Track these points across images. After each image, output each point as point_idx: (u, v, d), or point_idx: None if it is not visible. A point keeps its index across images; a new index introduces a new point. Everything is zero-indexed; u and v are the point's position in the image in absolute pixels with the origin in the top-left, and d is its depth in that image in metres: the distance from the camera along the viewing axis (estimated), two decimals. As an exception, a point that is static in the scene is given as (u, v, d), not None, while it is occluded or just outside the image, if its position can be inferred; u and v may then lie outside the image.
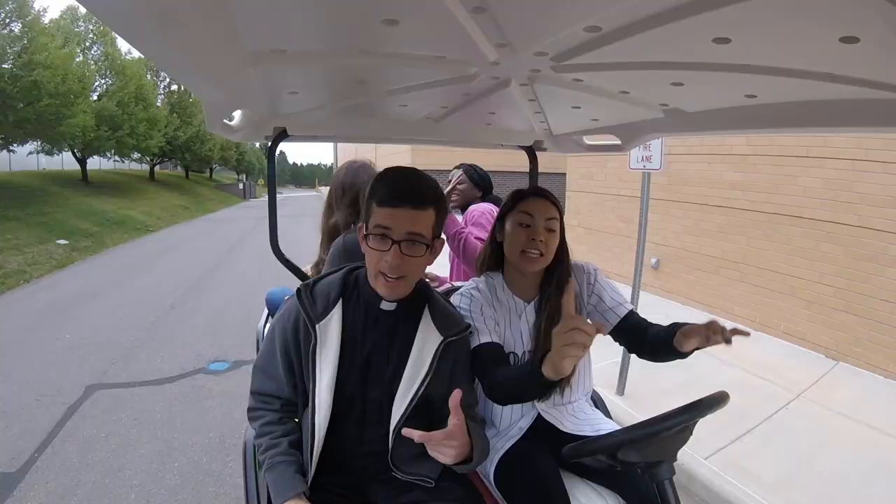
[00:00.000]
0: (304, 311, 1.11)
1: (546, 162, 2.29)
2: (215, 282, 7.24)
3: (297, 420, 1.21)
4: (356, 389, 1.12)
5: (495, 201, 2.43)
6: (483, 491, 1.28)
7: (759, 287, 4.61)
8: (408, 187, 1.04)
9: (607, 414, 1.55)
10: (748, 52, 0.79)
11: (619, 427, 1.31)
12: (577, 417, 1.38)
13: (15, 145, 9.81)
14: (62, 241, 9.83)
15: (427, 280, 2.19)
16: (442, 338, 1.13)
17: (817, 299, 4.20)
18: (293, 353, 1.14)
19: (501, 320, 1.33)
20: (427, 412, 1.15)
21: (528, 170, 2.08)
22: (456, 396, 0.95)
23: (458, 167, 2.54)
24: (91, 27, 17.36)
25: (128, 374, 3.84)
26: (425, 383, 1.11)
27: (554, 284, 1.33)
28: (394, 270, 1.03)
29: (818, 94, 0.96)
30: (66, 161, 17.73)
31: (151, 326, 5.07)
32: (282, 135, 1.57)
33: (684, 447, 1.04)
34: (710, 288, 5.05)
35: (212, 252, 10.12)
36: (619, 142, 1.70)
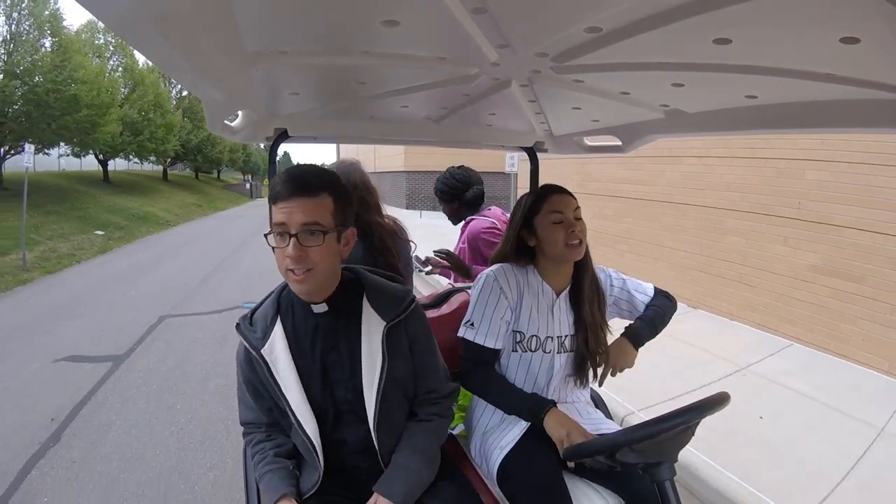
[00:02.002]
0: (245, 342, 1.13)
1: (490, 162, 2.22)
2: (235, 260, 9.08)
3: (287, 435, 1.22)
4: (324, 395, 1.13)
5: (476, 202, 2.31)
6: (482, 490, 1.28)
7: (641, 255, 6.17)
8: (298, 180, 1.03)
9: (608, 414, 1.55)
10: (749, 52, 0.79)
11: (619, 428, 1.31)
12: (579, 417, 1.38)
13: (50, 149, 11.26)
14: (99, 232, 11.69)
15: (428, 265, 2.18)
16: (385, 322, 1.13)
17: (679, 262, 5.66)
18: (256, 382, 1.16)
19: (528, 302, 1.38)
20: (399, 393, 1.17)
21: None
22: None
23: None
24: (110, 39, 18.99)
25: (187, 310, 5.78)
26: (385, 370, 1.11)
27: (587, 270, 1.42)
28: (297, 263, 1.02)
29: (819, 94, 0.96)
30: (84, 163, 19.61)
31: (196, 286, 6.98)
32: (283, 135, 1.57)
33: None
34: (610, 258, 6.33)
35: (229, 241, 11.81)
36: (619, 143, 1.70)
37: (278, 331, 1.13)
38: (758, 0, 0.58)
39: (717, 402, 0.99)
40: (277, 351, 1.11)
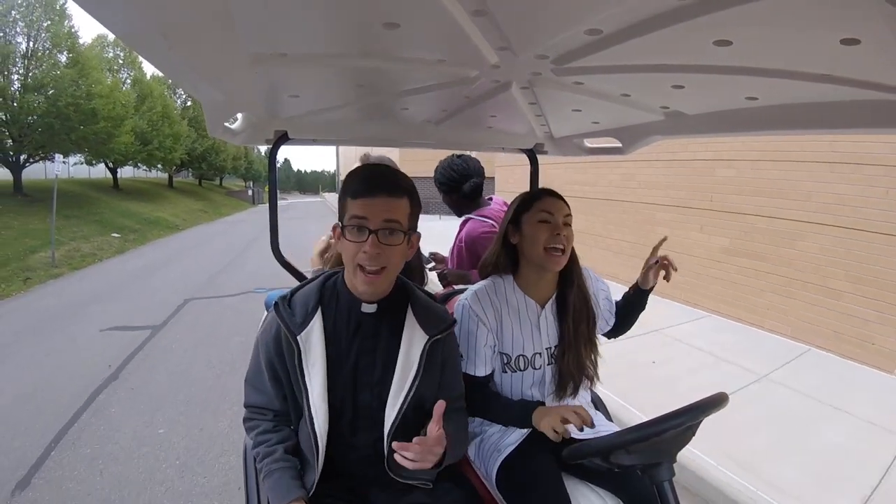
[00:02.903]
0: (283, 324, 1.10)
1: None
2: (245, 259, 10.14)
3: (292, 427, 1.20)
4: (346, 395, 1.11)
5: (474, 194, 2.22)
6: (483, 492, 1.28)
7: (591, 247, 7.06)
8: (381, 177, 1.04)
9: (608, 416, 1.55)
10: (749, 54, 0.79)
11: (619, 429, 1.31)
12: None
13: (68, 158, 12.17)
14: (115, 234, 12.57)
15: (433, 261, 2.18)
16: (428, 337, 1.12)
17: (621, 250, 6.71)
18: (279, 366, 1.13)
19: (510, 322, 1.34)
20: (419, 412, 1.14)
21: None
22: (441, 407, 0.99)
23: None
24: (119, 52, 20.17)
25: (207, 293, 6.89)
26: (416, 385, 1.10)
27: (573, 283, 1.37)
28: (373, 261, 1.01)
29: (819, 95, 0.96)
30: (92, 171, 20.57)
31: (210, 278, 8.04)
32: (283, 138, 1.57)
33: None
34: (566, 251, 7.47)
35: (236, 243, 12.84)
36: (619, 144, 1.70)
37: (317, 321, 1.11)
38: (758, 2, 0.58)
39: (715, 402, 0.99)
40: (313, 340, 1.09)
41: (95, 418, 3.20)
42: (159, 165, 23.72)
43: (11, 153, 13.28)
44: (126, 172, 23.16)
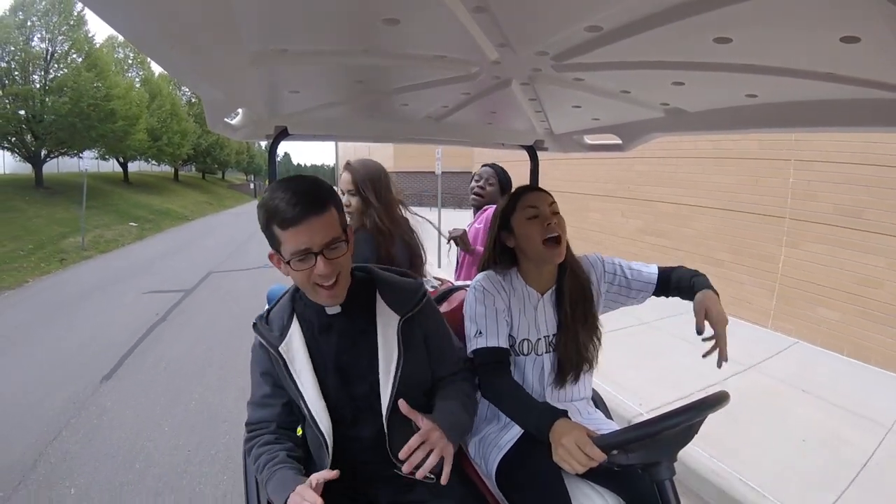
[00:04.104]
0: (263, 340, 1.15)
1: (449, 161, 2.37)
2: (254, 244, 10.98)
3: (293, 440, 1.21)
4: (340, 393, 1.14)
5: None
6: (484, 490, 1.28)
7: None
8: (305, 196, 1.00)
9: (608, 414, 1.56)
10: (749, 51, 0.79)
11: (619, 427, 1.31)
12: (579, 416, 1.38)
13: (84, 154, 12.77)
14: (133, 224, 14.10)
15: (435, 282, 2.22)
16: (399, 317, 1.15)
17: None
18: (275, 375, 1.17)
19: (516, 306, 1.35)
20: (415, 391, 1.17)
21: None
22: (404, 406, 1.06)
23: (488, 165, 2.59)
24: (129, 52, 21.73)
25: (226, 268, 8.54)
26: (400, 366, 1.12)
27: (569, 273, 1.37)
28: (328, 278, 1.03)
29: (819, 93, 0.96)
30: (102, 165, 21.58)
31: (227, 257, 9.72)
32: (283, 133, 1.57)
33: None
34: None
35: (243, 230, 14.04)
36: (619, 141, 1.70)
37: (295, 330, 1.15)
38: None
39: (716, 401, 0.99)
40: (294, 348, 1.13)
41: (154, 343, 4.68)
42: (166, 160, 24.77)
43: (33, 149, 14.56)
44: (132, 167, 23.95)
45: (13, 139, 14.19)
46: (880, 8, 0.55)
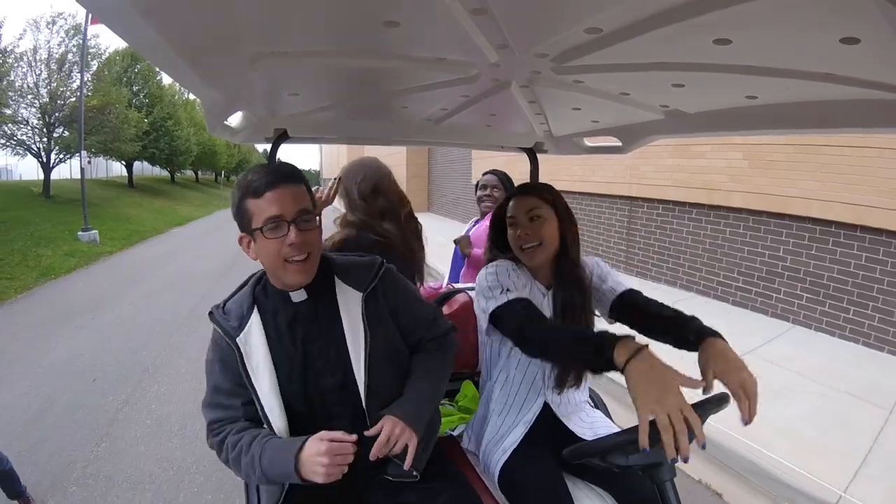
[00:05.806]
0: (220, 329, 1.10)
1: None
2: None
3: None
4: (308, 387, 1.11)
5: None
6: (482, 491, 1.28)
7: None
8: (277, 169, 1.05)
9: (608, 415, 1.55)
10: (749, 53, 0.79)
11: (618, 429, 1.31)
12: (579, 416, 1.38)
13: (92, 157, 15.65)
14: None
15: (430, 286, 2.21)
16: (360, 293, 1.14)
17: None
18: (231, 369, 1.11)
19: (525, 292, 1.33)
20: (390, 365, 1.17)
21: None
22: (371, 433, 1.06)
23: (490, 173, 2.58)
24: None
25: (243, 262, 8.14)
26: (369, 343, 1.11)
27: (564, 274, 1.35)
28: (299, 250, 1.01)
29: (819, 95, 0.96)
30: (99, 170, 23.40)
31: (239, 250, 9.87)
32: (282, 136, 1.57)
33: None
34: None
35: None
36: (619, 143, 1.70)
37: (255, 321, 1.11)
38: (757, 0, 0.58)
39: (717, 401, 0.99)
40: (253, 341, 1.09)
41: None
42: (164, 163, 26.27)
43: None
44: (122, 171, 24.54)
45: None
46: (880, 8, 0.55)
